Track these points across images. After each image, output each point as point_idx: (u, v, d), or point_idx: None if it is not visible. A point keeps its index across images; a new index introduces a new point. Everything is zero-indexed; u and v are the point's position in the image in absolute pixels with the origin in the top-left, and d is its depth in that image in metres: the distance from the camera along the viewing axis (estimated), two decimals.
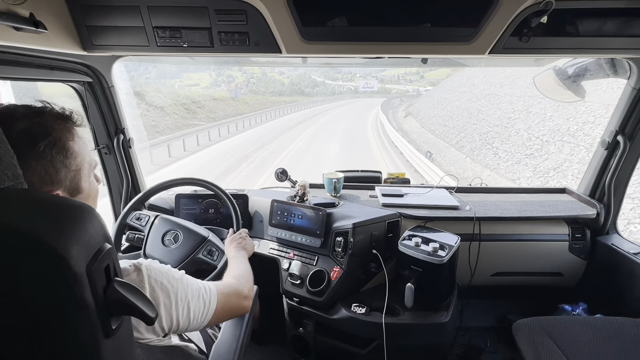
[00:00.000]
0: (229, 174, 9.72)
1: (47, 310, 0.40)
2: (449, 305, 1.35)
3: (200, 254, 1.29)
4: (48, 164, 0.59)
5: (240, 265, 1.11)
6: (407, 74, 79.73)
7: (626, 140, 1.46)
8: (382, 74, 60.79)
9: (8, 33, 0.85)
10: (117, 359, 0.47)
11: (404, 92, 68.01)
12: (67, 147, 0.62)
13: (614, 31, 1.06)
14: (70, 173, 0.63)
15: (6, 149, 0.45)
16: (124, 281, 0.47)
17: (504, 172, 8.99)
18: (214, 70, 69.67)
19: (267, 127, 21.90)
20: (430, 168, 9.25)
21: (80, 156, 0.65)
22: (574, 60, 1.45)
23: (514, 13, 1.00)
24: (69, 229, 0.40)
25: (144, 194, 1.47)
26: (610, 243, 1.55)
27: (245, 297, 0.94)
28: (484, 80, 18.10)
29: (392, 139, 15.31)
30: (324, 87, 69.84)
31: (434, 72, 79.93)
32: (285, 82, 68.16)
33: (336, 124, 23.61)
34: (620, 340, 1.18)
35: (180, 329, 0.75)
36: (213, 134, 16.71)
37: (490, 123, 12.74)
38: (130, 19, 1.05)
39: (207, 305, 0.79)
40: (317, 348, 1.48)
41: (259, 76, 59.89)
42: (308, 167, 10.23)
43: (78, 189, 0.65)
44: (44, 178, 0.59)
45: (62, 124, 0.63)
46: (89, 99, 1.45)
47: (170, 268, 0.76)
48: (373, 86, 56.26)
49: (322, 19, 1.06)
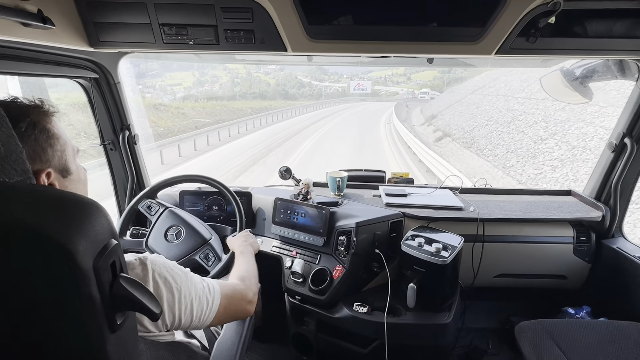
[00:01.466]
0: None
1: (53, 305, 0.40)
2: (451, 306, 1.35)
3: (197, 256, 1.30)
4: (33, 142, 0.59)
5: (248, 264, 1.10)
6: (394, 75, 77.45)
7: (633, 142, 1.44)
8: (369, 74, 55.55)
9: (16, 29, 0.85)
10: (121, 353, 0.48)
11: (393, 93, 65.21)
12: (48, 128, 0.62)
13: (622, 32, 1.05)
14: (56, 153, 0.63)
15: (15, 144, 0.45)
16: (130, 277, 0.48)
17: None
18: (198, 70, 65.93)
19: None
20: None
21: (62, 138, 0.65)
22: (582, 62, 1.44)
23: (521, 13, 0.99)
24: (77, 225, 0.40)
25: (156, 185, 1.49)
26: (616, 246, 1.54)
27: (249, 301, 0.92)
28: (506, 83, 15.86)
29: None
30: (310, 88, 65.32)
31: (420, 74, 78.15)
32: (271, 82, 64.14)
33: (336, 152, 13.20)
34: (624, 344, 1.17)
35: (183, 326, 0.75)
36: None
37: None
38: (136, 16, 1.06)
39: (210, 305, 0.79)
40: (318, 346, 1.49)
41: (243, 76, 56.01)
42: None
43: (67, 169, 0.65)
44: (33, 157, 0.59)
45: (36, 109, 0.63)
46: (95, 95, 1.46)
47: (175, 264, 0.76)
48: (366, 88, 49.13)
49: (328, 17, 1.05)
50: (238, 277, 0.99)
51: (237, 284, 0.94)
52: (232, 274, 1.04)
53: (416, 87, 66.72)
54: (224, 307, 0.82)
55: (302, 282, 1.42)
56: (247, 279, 0.98)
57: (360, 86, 48.01)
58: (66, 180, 0.66)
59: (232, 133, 17.78)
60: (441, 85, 64.60)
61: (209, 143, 14.74)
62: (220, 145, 14.77)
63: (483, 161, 10.76)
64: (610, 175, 1.57)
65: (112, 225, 0.46)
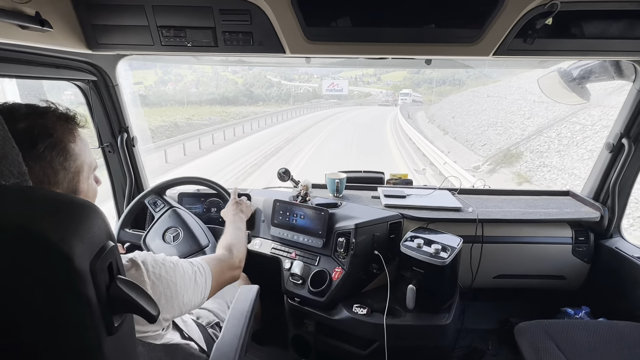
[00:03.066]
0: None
1: (50, 307, 0.40)
2: (450, 307, 1.35)
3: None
4: (47, 165, 0.59)
5: (235, 231, 1.16)
6: (365, 75, 75.03)
7: (631, 143, 1.45)
8: (340, 75, 49.53)
9: (14, 31, 0.85)
10: (119, 356, 0.48)
11: (366, 94, 60.71)
12: (68, 149, 0.62)
13: (619, 33, 1.05)
14: (68, 175, 0.63)
15: (11, 146, 0.45)
16: (127, 279, 0.47)
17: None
18: (161, 68, 59.43)
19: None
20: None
21: (80, 158, 0.65)
22: (579, 63, 1.44)
23: (519, 14, 1.00)
24: (73, 227, 0.40)
25: (165, 183, 1.52)
26: (614, 246, 1.54)
27: (236, 267, 0.99)
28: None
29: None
30: (278, 88, 57.88)
31: (390, 74, 76.37)
32: (239, 81, 57.96)
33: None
34: (623, 344, 1.17)
35: (183, 312, 0.79)
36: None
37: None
38: (135, 18, 1.06)
39: (204, 285, 0.83)
40: (317, 348, 1.48)
41: (210, 75, 50.41)
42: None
43: (76, 190, 0.65)
44: (42, 179, 0.59)
45: (64, 125, 0.63)
46: (94, 98, 1.46)
47: (165, 257, 0.77)
48: (342, 88, 37.78)
49: (326, 19, 1.06)
50: (224, 247, 1.05)
51: (222, 254, 1.01)
52: (220, 242, 1.10)
53: (388, 88, 64.35)
54: (215, 281, 0.88)
55: (301, 284, 1.41)
56: (233, 247, 1.05)
57: (335, 86, 36.26)
58: None
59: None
60: (410, 85, 62.74)
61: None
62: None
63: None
64: (609, 175, 1.57)
65: (109, 227, 0.46)
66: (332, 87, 36.67)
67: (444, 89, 60.28)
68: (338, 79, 38.30)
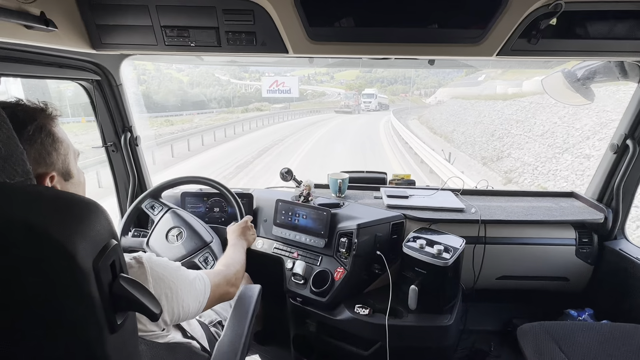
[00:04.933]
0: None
1: (53, 305, 0.40)
2: (452, 308, 1.35)
3: (197, 259, 1.31)
4: (40, 146, 0.61)
5: (236, 254, 1.16)
6: (317, 74, 72.48)
7: (636, 144, 1.44)
8: (292, 73, 41.99)
9: (19, 31, 0.86)
10: (121, 354, 0.48)
11: (320, 94, 55.31)
12: (53, 132, 0.64)
13: (624, 33, 1.05)
14: (60, 156, 0.64)
15: (16, 145, 0.45)
16: (130, 277, 0.48)
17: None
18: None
19: None
20: None
21: (65, 142, 0.66)
22: (583, 63, 1.43)
23: (523, 14, 0.99)
24: (77, 225, 0.40)
25: (160, 185, 1.50)
26: (618, 248, 1.53)
27: (232, 284, 1.00)
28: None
29: None
30: (220, 87, 48.30)
31: (343, 73, 74.38)
32: (184, 80, 50.09)
33: None
34: (627, 346, 1.16)
35: (181, 319, 0.79)
36: None
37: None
38: (138, 18, 1.06)
39: (203, 294, 0.84)
40: (319, 348, 1.48)
41: (152, 73, 44.80)
42: None
43: (69, 173, 0.67)
44: (38, 160, 0.60)
45: (41, 112, 0.64)
46: (97, 97, 1.47)
47: (168, 260, 0.78)
48: (289, 89, 24.47)
49: (329, 19, 1.06)
50: (223, 264, 1.07)
51: (221, 269, 1.02)
52: (219, 261, 1.11)
53: (342, 87, 61.72)
54: (213, 294, 0.89)
55: (303, 284, 1.41)
56: (231, 265, 1.06)
57: (281, 86, 24.03)
58: (68, 183, 0.67)
59: None
60: (364, 85, 60.74)
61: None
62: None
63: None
64: (613, 176, 1.56)
65: (112, 226, 0.46)
66: (275, 87, 23.93)
67: (396, 88, 58.40)
68: (284, 75, 25.31)
